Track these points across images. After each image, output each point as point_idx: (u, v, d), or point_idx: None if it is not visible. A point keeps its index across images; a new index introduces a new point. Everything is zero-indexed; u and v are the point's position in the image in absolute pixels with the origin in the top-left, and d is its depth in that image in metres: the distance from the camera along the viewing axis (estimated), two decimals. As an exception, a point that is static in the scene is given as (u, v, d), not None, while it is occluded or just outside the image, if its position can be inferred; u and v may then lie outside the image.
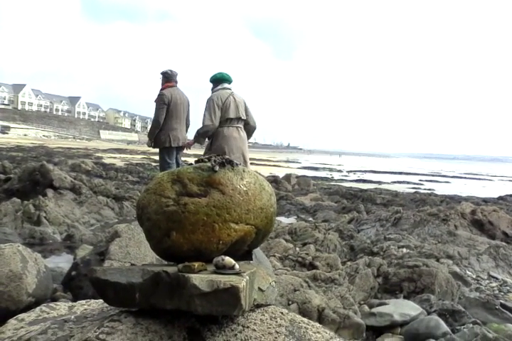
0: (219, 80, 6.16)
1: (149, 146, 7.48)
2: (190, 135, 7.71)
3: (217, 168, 1.90)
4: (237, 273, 1.71)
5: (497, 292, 6.00)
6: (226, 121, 5.95)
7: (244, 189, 1.93)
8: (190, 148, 6.84)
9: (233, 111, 5.97)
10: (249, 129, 6.21)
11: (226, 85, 6.12)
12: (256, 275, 1.81)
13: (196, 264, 1.72)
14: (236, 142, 6.02)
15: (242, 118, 6.03)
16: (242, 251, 2.06)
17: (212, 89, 6.14)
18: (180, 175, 1.94)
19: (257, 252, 2.19)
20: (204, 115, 5.85)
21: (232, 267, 1.74)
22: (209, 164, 1.93)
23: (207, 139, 6.10)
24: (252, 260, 2.09)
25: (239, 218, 1.91)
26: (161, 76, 7.42)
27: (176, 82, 7.48)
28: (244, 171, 1.98)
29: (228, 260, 1.75)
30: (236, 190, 1.91)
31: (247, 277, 1.67)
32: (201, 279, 1.61)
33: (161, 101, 7.07)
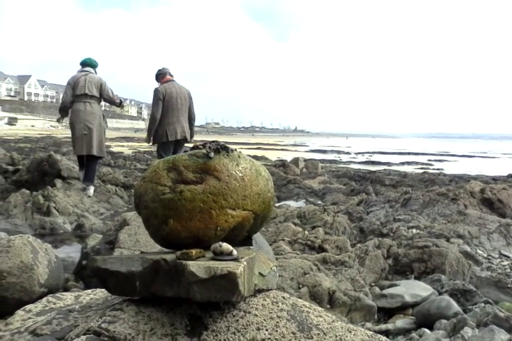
0: (85, 64, 7.53)
1: (148, 143, 7.78)
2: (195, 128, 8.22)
3: (211, 154, 1.89)
4: (235, 259, 1.70)
5: (509, 270, 5.95)
6: (75, 97, 7.35)
7: (240, 175, 1.91)
8: (61, 121, 8.19)
9: (80, 89, 7.30)
10: (110, 103, 8.03)
11: (87, 69, 7.46)
12: (256, 261, 1.81)
13: (194, 251, 1.71)
14: (80, 114, 7.38)
15: (89, 94, 7.34)
16: (242, 236, 2.05)
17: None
18: (176, 163, 1.93)
19: (257, 237, 2.18)
20: (63, 94, 7.50)
21: (230, 253, 1.73)
22: (204, 151, 1.92)
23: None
24: (252, 245, 2.09)
25: (236, 204, 1.89)
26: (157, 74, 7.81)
27: (172, 76, 7.71)
28: (239, 157, 1.96)
29: (226, 246, 1.74)
30: (232, 176, 1.89)
31: (245, 262, 1.66)
32: (199, 266, 1.60)
33: (155, 98, 7.40)
